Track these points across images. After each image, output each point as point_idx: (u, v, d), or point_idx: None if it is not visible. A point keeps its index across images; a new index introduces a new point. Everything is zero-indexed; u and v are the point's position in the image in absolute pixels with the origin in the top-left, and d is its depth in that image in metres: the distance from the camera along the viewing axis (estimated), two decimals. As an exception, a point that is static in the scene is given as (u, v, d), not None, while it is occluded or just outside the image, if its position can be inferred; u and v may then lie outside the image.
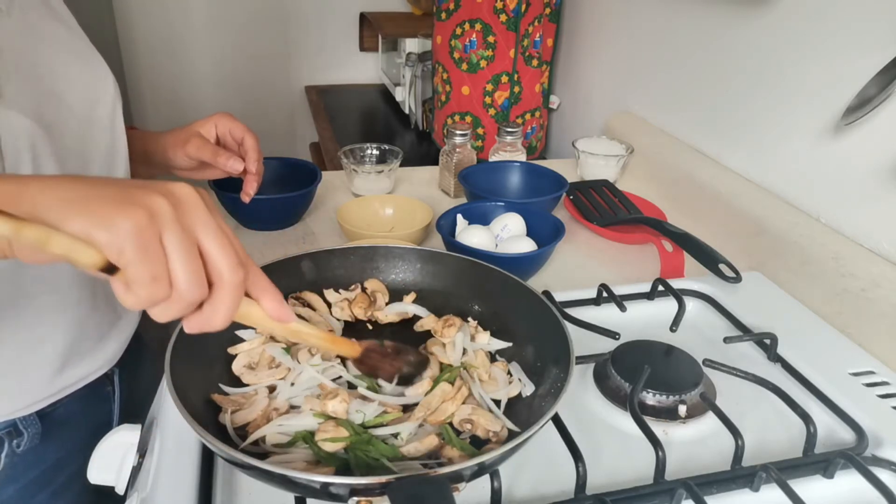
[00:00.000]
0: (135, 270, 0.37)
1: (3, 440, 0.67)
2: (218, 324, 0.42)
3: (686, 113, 1.15)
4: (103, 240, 0.36)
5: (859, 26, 0.79)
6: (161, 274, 0.38)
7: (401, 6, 2.19)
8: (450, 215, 0.90)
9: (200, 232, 0.40)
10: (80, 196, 0.37)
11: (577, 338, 0.57)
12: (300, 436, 0.51)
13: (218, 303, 0.41)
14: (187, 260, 0.38)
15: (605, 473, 0.54)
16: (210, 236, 0.40)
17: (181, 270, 0.38)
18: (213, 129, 0.83)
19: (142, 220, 0.37)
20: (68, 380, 0.70)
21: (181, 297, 0.39)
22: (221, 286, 0.41)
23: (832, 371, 0.66)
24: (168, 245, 0.38)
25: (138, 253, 0.37)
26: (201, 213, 0.40)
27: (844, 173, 0.83)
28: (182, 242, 0.38)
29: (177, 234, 0.38)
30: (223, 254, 0.40)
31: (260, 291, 0.45)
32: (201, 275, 0.39)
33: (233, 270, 0.40)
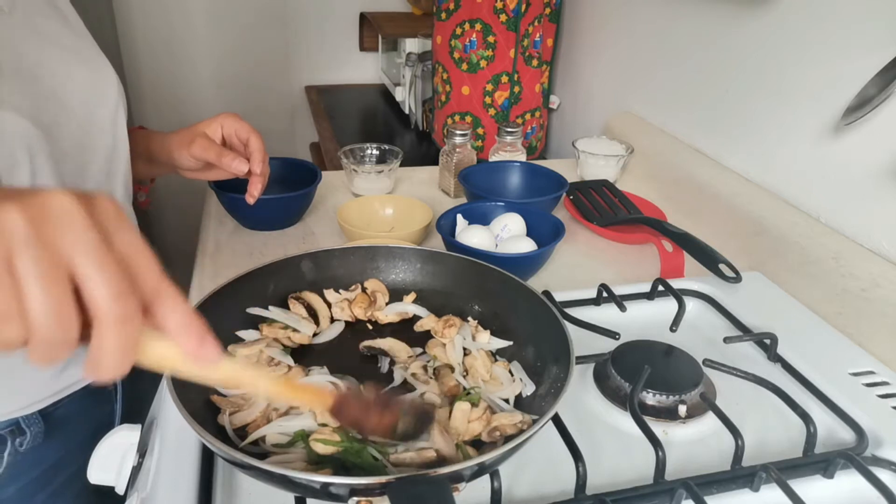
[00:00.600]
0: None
1: (5, 439, 0.67)
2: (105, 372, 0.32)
3: (686, 113, 1.15)
4: None
5: (859, 26, 0.79)
6: (8, 311, 0.29)
7: (401, 6, 2.19)
8: (450, 215, 0.90)
9: (74, 254, 0.30)
10: None
11: (577, 338, 0.57)
12: (300, 435, 0.51)
13: (99, 345, 0.31)
14: (45, 290, 0.29)
15: (605, 473, 0.54)
16: (86, 259, 0.30)
17: (36, 303, 0.29)
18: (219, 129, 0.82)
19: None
20: (71, 378, 0.70)
21: (41, 337, 0.30)
22: (99, 323, 0.31)
23: (832, 371, 0.66)
24: (20, 271, 0.29)
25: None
26: (76, 230, 0.30)
27: (844, 173, 0.83)
28: (38, 268, 0.29)
29: (31, 258, 0.29)
30: (102, 280, 0.30)
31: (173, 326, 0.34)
32: (66, 308, 0.30)
33: (112, 300, 0.30)
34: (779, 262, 0.86)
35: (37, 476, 0.70)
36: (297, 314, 0.66)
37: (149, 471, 0.54)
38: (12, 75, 0.59)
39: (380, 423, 0.44)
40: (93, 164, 0.69)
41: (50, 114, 0.62)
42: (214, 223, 0.99)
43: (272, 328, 0.63)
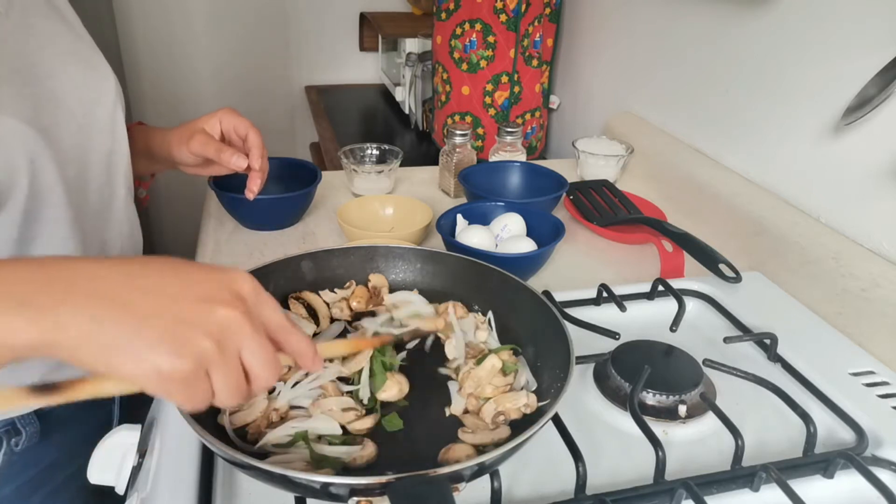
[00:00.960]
0: (179, 402, 0.39)
1: (1, 439, 0.67)
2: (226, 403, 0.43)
3: (686, 113, 1.15)
4: (151, 387, 0.38)
5: (859, 26, 0.79)
6: (205, 399, 0.40)
7: (401, 6, 2.19)
8: (450, 215, 0.90)
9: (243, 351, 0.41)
10: (121, 337, 0.37)
11: (577, 338, 0.57)
12: (300, 436, 0.51)
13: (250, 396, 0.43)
14: (230, 387, 0.40)
15: (605, 473, 0.54)
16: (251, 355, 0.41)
17: (223, 394, 0.40)
18: (218, 125, 0.82)
19: (189, 371, 0.38)
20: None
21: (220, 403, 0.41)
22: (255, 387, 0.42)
23: (832, 371, 0.66)
24: (214, 380, 0.39)
25: (183, 393, 0.38)
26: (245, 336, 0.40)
27: (844, 173, 0.83)
28: (226, 376, 0.40)
29: (222, 372, 0.39)
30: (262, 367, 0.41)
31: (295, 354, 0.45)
32: (242, 390, 0.41)
33: (268, 378, 0.42)
34: (779, 262, 0.86)
35: (33, 476, 0.70)
36: (296, 314, 0.66)
37: (149, 471, 0.54)
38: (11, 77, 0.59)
39: None
40: (93, 164, 0.69)
41: (49, 115, 0.62)
42: (214, 223, 0.99)
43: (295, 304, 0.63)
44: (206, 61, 2.11)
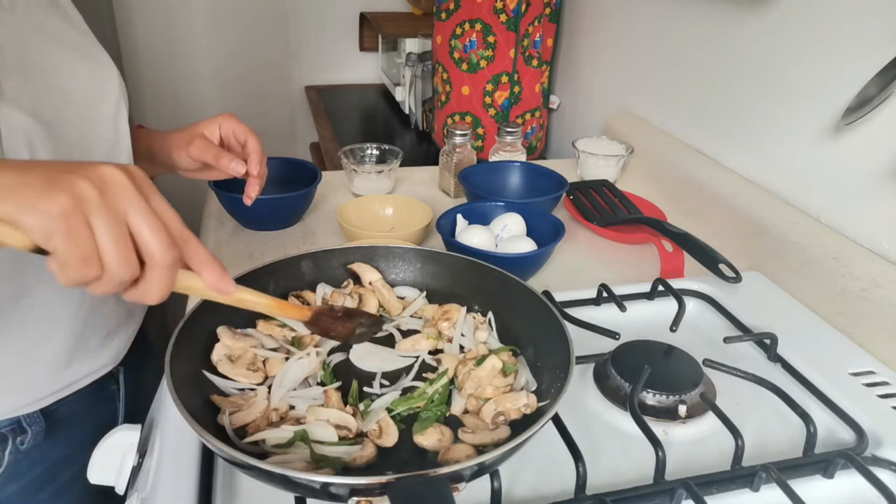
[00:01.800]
0: (64, 253, 0.38)
1: (6, 437, 0.67)
2: (152, 300, 0.43)
3: (686, 113, 1.15)
4: (30, 224, 0.37)
5: (859, 26, 0.79)
6: (90, 255, 0.39)
7: (401, 6, 2.19)
8: (450, 215, 0.90)
9: (129, 214, 0.40)
10: (7, 183, 0.38)
11: (577, 338, 0.57)
12: (300, 435, 0.51)
13: (150, 281, 0.42)
14: (115, 241, 0.39)
15: (605, 473, 0.54)
16: (139, 217, 0.41)
17: (110, 252, 0.39)
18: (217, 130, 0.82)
19: (67, 206, 0.38)
20: (73, 376, 0.71)
21: (111, 277, 0.40)
22: (152, 266, 0.42)
23: (832, 371, 0.66)
24: (96, 228, 0.39)
25: (65, 237, 0.38)
26: (129, 195, 0.41)
27: (844, 173, 0.83)
28: (109, 225, 0.39)
29: (103, 216, 0.39)
30: (153, 235, 0.41)
31: (199, 265, 0.45)
32: (131, 255, 0.40)
33: (163, 251, 0.41)
34: (779, 262, 0.86)
35: (39, 474, 0.70)
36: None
37: (149, 471, 0.54)
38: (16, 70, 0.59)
39: (343, 329, 0.57)
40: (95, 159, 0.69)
41: (52, 109, 0.62)
42: (214, 223, 0.99)
43: (269, 325, 0.63)
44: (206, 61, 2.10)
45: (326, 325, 0.56)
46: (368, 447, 0.52)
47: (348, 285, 0.70)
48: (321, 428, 0.53)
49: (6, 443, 0.67)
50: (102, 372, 0.74)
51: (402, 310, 0.69)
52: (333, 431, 0.53)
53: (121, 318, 0.76)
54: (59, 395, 0.70)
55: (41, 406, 0.69)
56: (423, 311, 0.69)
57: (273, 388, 0.56)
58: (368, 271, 0.70)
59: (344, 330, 0.57)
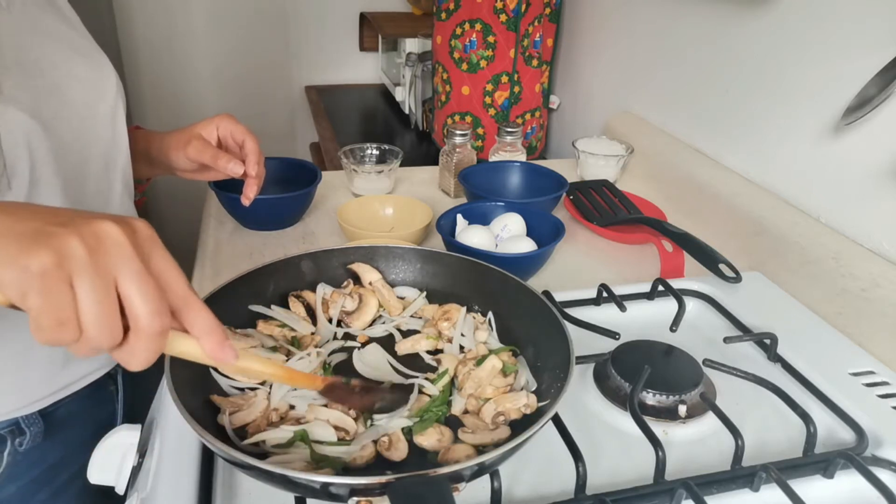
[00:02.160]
0: (38, 313, 0.36)
1: (5, 439, 0.67)
2: (134, 366, 0.40)
3: (686, 113, 1.15)
4: (6, 280, 0.35)
5: (859, 26, 0.79)
6: (68, 318, 0.36)
7: (401, 6, 2.19)
8: (450, 215, 0.90)
9: (120, 275, 0.37)
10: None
11: (577, 338, 0.57)
12: (300, 435, 0.51)
13: (133, 348, 0.39)
14: (97, 305, 0.36)
15: (605, 473, 0.54)
16: (128, 280, 0.37)
17: (89, 316, 0.36)
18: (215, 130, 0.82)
19: (48, 263, 0.35)
20: (69, 378, 0.71)
21: (89, 341, 0.37)
22: (137, 334, 0.38)
23: (832, 371, 0.66)
24: (78, 289, 0.36)
25: (41, 297, 0.35)
26: (124, 255, 0.37)
27: (844, 173, 0.83)
28: (93, 287, 0.36)
29: (88, 278, 0.36)
30: (142, 300, 0.38)
31: (199, 331, 0.42)
32: (113, 320, 0.37)
33: (150, 317, 0.38)
34: (779, 262, 0.86)
35: (37, 476, 0.70)
36: (296, 314, 0.66)
37: (149, 471, 0.54)
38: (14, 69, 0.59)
39: (360, 403, 0.54)
40: (92, 159, 0.69)
41: (51, 108, 0.62)
42: (214, 223, 0.99)
43: (269, 325, 0.63)
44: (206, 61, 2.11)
45: (341, 398, 0.54)
46: (368, 447, 0.52)
47: (348, 285, 0.70)
48: (321, 428, 0.53)
49: (5, 444, 0.67)
50: (99, 373, 0.74)
51: (402, 310, 0.69)
52: (333, 432, 0.53)
53: None
54: (57, 396, 0.70)
55: (39, 407, 0.68)
56: (423, 311, 0.69)
57: (273, 388, 0.56)
58: (368, 271, 0.70)
59: (361, 404, 0.54)
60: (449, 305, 0.67)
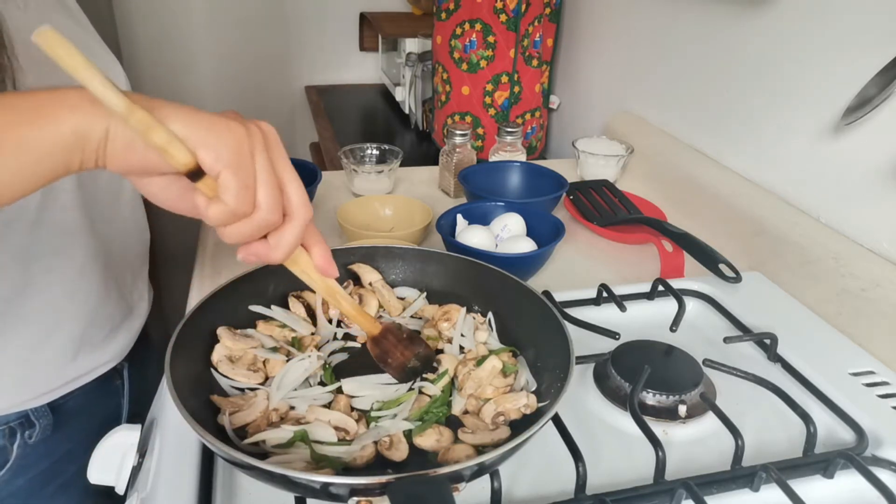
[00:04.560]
0: (228, 176, 0.40)
1: (15, 431, 0.68)
2: (279, 255, 0.45)
3: (686, 113, 1.15)
4: (205, 141, 0.39)
5: (859, 26, 0.79)
6: (250, 185, 0.41)
7: (401, 6, 2.19)
8: (450, 215, 0.90)
9: (282, 167, 0.43)
10: (189, 113, 0.41)
11: (577, 338, 0.57)
12: (300, 435, 0.51)
13: (286, 233, 0.44)
14: (271, 183, 0.42)
15: (605, 473, 0.54)
16: (289, 173, 0.43)
17: (265, 191, 0.42)
18: None
19: (241, 136, 0.40)
20: (78, 370, 0.71)
21: (261, 216, 0.42)
22: (292, 219, 0.44)
23: (832, 371, 0.66)
24: (257, 165, 0.41)
25: (234, 160, 0.40)
26: (282, 152, 0.44)
27: (844, 173, 0.83)
28: (268, 167, 0.42)
29: (265, 158, 0.42)
30: (298, 191, 0.44)
31: (313, 242, 0.48)
32: (280, 200, 0.43)
33: (306, 207, 0.44)
34: (779, 262, 0.86)
35: (45, 468, 0.71)
36: (296, 314, 0.66)
37: (149, 471, 0.54)
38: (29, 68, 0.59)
39: (402, 357, 0.57)
40: None
41: None
42: (214, 223, 0.99)
43: (269, 326, 0.63)
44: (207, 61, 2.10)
45: (388, 348, 0.57)
46: (368, 448, 0.52)
47: (348, 286, 0.70)
48: (321, 428, 0.53)
49: (14, 436, 0.68)
50: (107, 367, 0.75)
51: (402, 310, 0.69)
52: (333, 432, 0.53)
53: (124, 313, 0.77)
54: (66, 389, 0.71)
55: (48, 400, 0.69)
56: (423, 311, 0.68)
57: (272, 388, 0.56)
58: (368, 272, 0.70)
59: (401, 357, 0.57)
60: (449, 306, 0.67)
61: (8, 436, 0.68)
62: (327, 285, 0.52)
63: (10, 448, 0.68)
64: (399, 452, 0.52)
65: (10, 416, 0.67)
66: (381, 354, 0.57)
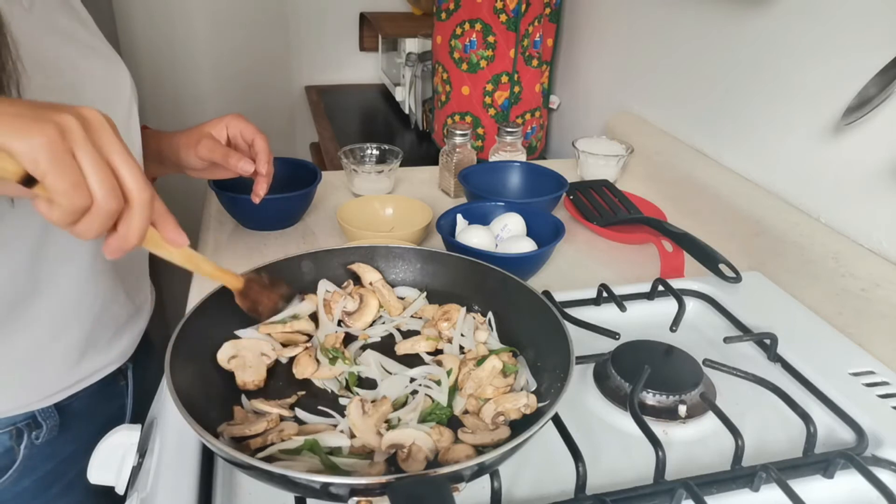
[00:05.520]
0: (52, 179, 0.40)
1: (22, 432, 0.68)
2: (133, 239, 0.45)
3: (686, 113, 1.15)
4: (19, 149, 0.39)
5: (859, 26, 0.79)
6: (79, 182, 0.41)
7: (401, 6, 2.19)
8: (450, 215, 0.90)
9: (110, 151, 0.43)
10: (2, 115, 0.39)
11: (577, 338, 0.57)
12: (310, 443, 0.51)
13: (132, 218, 0.44)
14: (101, 172, 0.42)
15: (605, 473, 0.54)
16: (119, 156, 0.43)
17: (96, 181, 0.41)
18: (224, 130, 0.83)
19: (53, 134, 0.40)
20: (84, 372, 0.71)
21: (100, 206, 0.42)
22: (133, 202, 0.44)
23: (832, 371, 0.66)
24: (81, 159, 0.41)
25: (53, 162, 0.40)
26: (109, 135, 0.43)
27: (844, 173, 0.83)
28: (94, 157, 0.41)
29: (88, 149, 0.41)
30: (132, 173, 0.43)
31: (158, 216, 0.48)
32: (116, 186, 0.42)
33: (142, 188, 0.44)
34: (779, 262, 0.86)
35: (52, 468, 0.71)
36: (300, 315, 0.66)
37: (149, 471, 0.54)
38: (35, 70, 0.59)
39: (270, 301, 0.62)
40: None
41: None
42: (214, 223, 0.99)
43: (268, 325, 0.63)
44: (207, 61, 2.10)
45: (256, 297, 0.60)
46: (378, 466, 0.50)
47: (348, 285, 0.70)
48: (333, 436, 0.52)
49: (21, 437, 0.68)
50: (112, 368, 0.75)
51: (403, 310, 0.69)
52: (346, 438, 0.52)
53: (129, 314, 0.77)
54: (72, 389, 0.71)
55: (55, 401, 0.70)
56: (423, 311, 0.68)
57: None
58: (369, 272, 0.70)
59: (269, 302, 0.61)
60: (449, 306, 0.67)
61: (15, 437, 0.68)
62: (183, 254, 0.52)
63: (18, 449, 0.68)
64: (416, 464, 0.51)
65: (17, 418, 0.67)
66: (252, 305, 0.60)
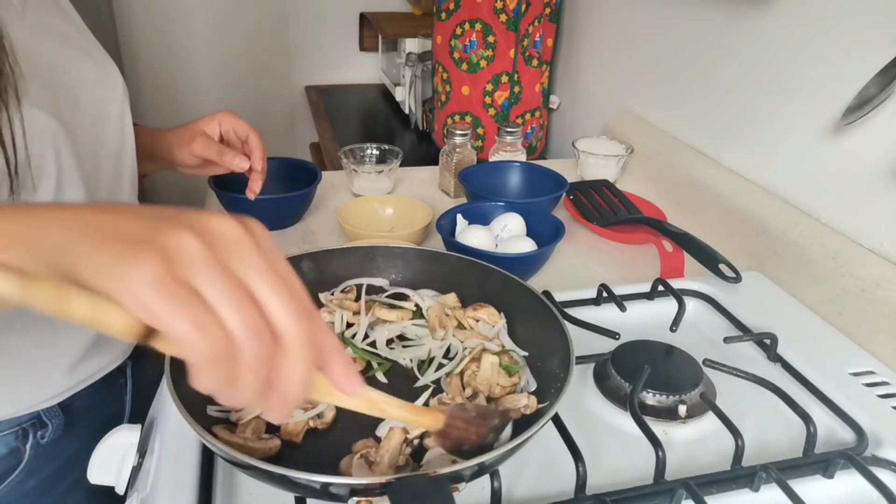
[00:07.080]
0: (167, 325, 0.29)
1: (28, 432, 0.68)
2: (295, 394, 0.32)
3: (686, 113, 1.15)
4: (118, 292, 0.29)
5: (859, 26, 0.79)
6: (202, 322, 0.29)
7: (401, 6, 2.19)
8: (450, 215, 0.90)
9: (249, 277, 0.31)
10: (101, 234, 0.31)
11: (577, 338, 0.57)
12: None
13: (286, 368, 0.31)
14: (233, 304, 0.30)
15: (605, 473, 0.54)
16: (261, 279, 0.31)
17: (231, 317, 0.30)
18: (217, 126, 0.83)
19: (155, 264, 0.29)
20: (88, 371, 0.71)
21: (244, 352, 0.30)
22: (286, 342, 0.31)
23: (832, 371, 0.66)
24: (206, 291, 0.30)
25: (160, 302, 0.29)
26: (248, 252, 0.32)
27: (844, 173, 0.83)
28: (223, 285, 0.30)
29: (213, 275, 0.30)
30: (284, 306, 0.31)
31: (326, 355, 0.35)
32: (259, 321, 0.30)
33: (299, 325, 0.31)
34: (779, 262, 0.86)
35: (57, 468, 0.71)
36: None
37: (149, 471, 0.54)
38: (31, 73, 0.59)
39: (477, 438, 0.47)
40: (104, 161, 0.70)
41: (66, 111, 0.63)
42: (214, 223, 0.99)
43: None
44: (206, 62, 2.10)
45: (459, 436, 0.47)
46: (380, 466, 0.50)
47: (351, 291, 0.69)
48: None
49: (27, 437, 0.68)
50: (114, 364, 0.76)
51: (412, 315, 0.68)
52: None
53: None
54: (76, 388, 0.71)
55: (59, 400, 0.70)
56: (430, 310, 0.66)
57: None
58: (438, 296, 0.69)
59: (476, 439, 0.47)
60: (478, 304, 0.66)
61: (21, 437, 0.68)
62: (363, 401, 0.40)
63: (23, 449, 0.68)
64: None
65: (23, 418, 0.67)
66: (455, 445, 0.47)
